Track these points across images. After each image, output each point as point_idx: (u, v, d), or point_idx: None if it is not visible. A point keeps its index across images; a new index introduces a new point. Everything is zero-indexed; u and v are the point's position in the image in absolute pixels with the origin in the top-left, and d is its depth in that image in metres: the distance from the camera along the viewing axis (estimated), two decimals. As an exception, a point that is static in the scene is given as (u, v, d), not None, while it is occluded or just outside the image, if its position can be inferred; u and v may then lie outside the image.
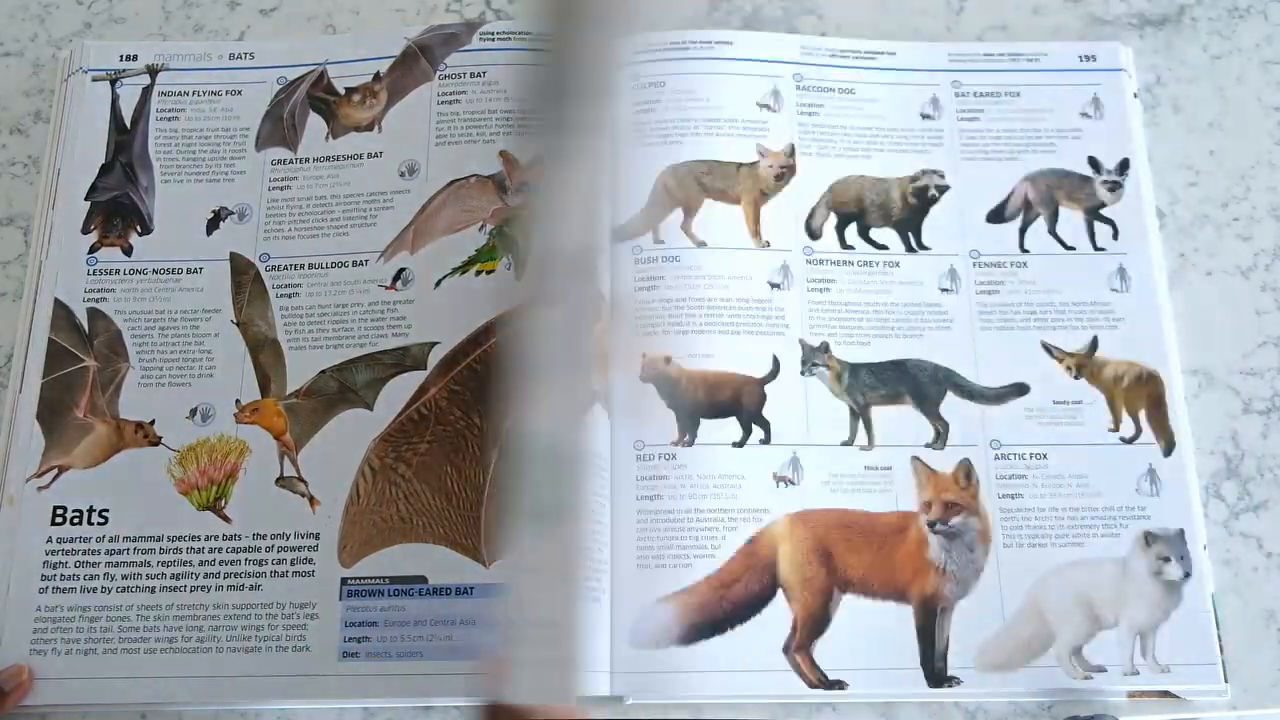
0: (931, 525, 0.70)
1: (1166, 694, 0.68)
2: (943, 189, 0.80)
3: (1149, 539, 0.70)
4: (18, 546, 0.70)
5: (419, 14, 0.87)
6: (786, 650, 0.68)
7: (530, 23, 0.82)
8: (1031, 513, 0.71)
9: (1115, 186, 0.79)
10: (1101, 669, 0.68)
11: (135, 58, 0.83)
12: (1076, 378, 0.75)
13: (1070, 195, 0.80)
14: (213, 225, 0.78)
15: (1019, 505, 0.72)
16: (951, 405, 0.74)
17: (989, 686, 0.68)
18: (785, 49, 0.83)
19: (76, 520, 0.70)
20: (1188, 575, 0.69)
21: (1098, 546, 0.70)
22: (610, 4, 0.52)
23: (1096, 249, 0.78)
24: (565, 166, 0.51)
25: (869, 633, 0.68)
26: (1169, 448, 0.73)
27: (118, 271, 0.77)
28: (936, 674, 0.68)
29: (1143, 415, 0.74)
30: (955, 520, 0.70)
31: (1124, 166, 0.80)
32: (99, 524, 0.70)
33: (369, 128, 0.80)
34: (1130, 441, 0.73)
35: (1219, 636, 0.69)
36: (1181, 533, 0.70)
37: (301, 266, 0.76)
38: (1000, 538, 0.71)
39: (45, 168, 0.81)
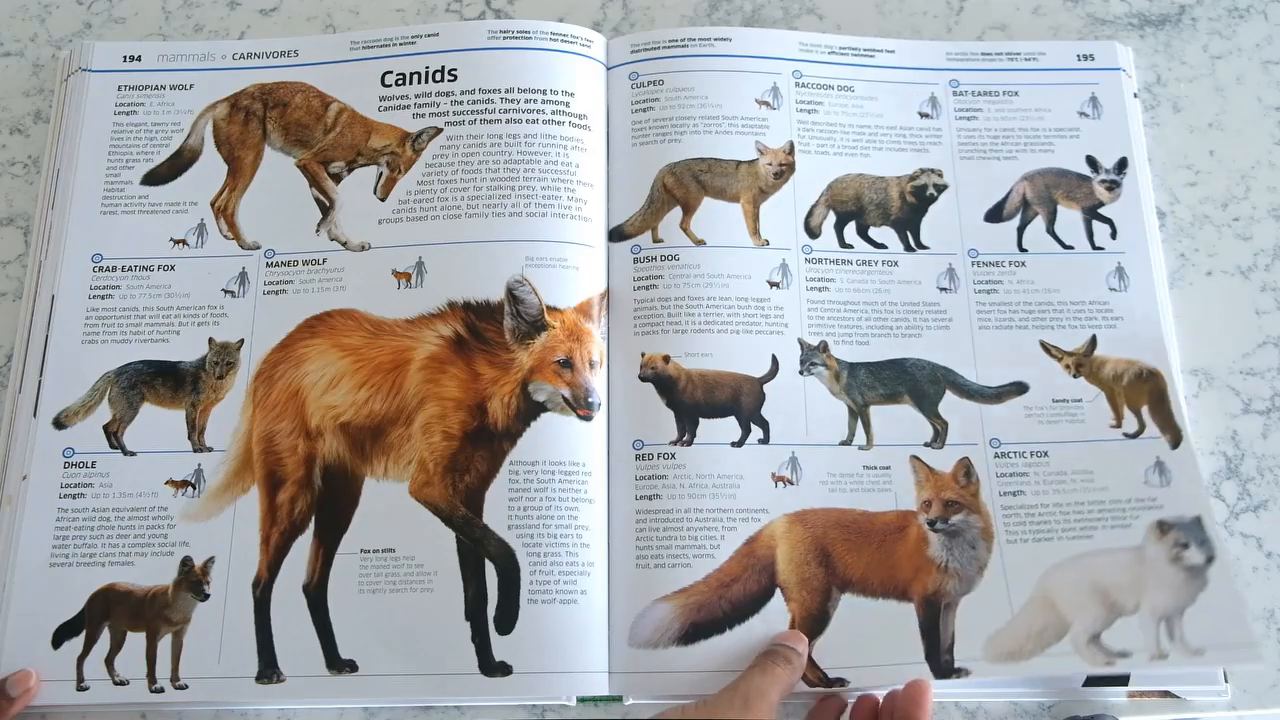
0: (932, 524, 0.70)
1: (1167, 694, 0.68)
2: (941, 188, 0.80)
3: (1163, 527, 0.69)
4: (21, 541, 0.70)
5: (419, 14, 0.87)
6: (785, 649, 0.68)
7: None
8: (1034, 509, 0.71)
9: (1113, 186, 0.79)
10: (1125, 654, 0.66)
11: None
12: (1075, 376, 0.74)
13: (1068, 194, 0.79)
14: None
15: (1020, 502, 0.71)
16: (950, 404, 0.74)
17: (1000, 676, 0.67)
18: (784, 46, 0.83)
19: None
20: (1210, 560, 0.68)
21: (1108, 538, 0.69)
22: None
23: (1095, 248, 0.78)
24: None
25: (871, 630, 0.68)
26: (1176, 440, 0.72)
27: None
28: (943, 667, 0.67)
29: (1145, 411, 0.73)
30: (955, 519, 0.70)
31: (1122, 165, 0.80)
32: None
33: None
34: (1134, 436, 0.73)
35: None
36: (1199, 519, 0.69)
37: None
38: (1003, 534, 0.70)
39: (45, 168, 0.81)
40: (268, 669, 0.68)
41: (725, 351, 0.74)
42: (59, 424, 0.73)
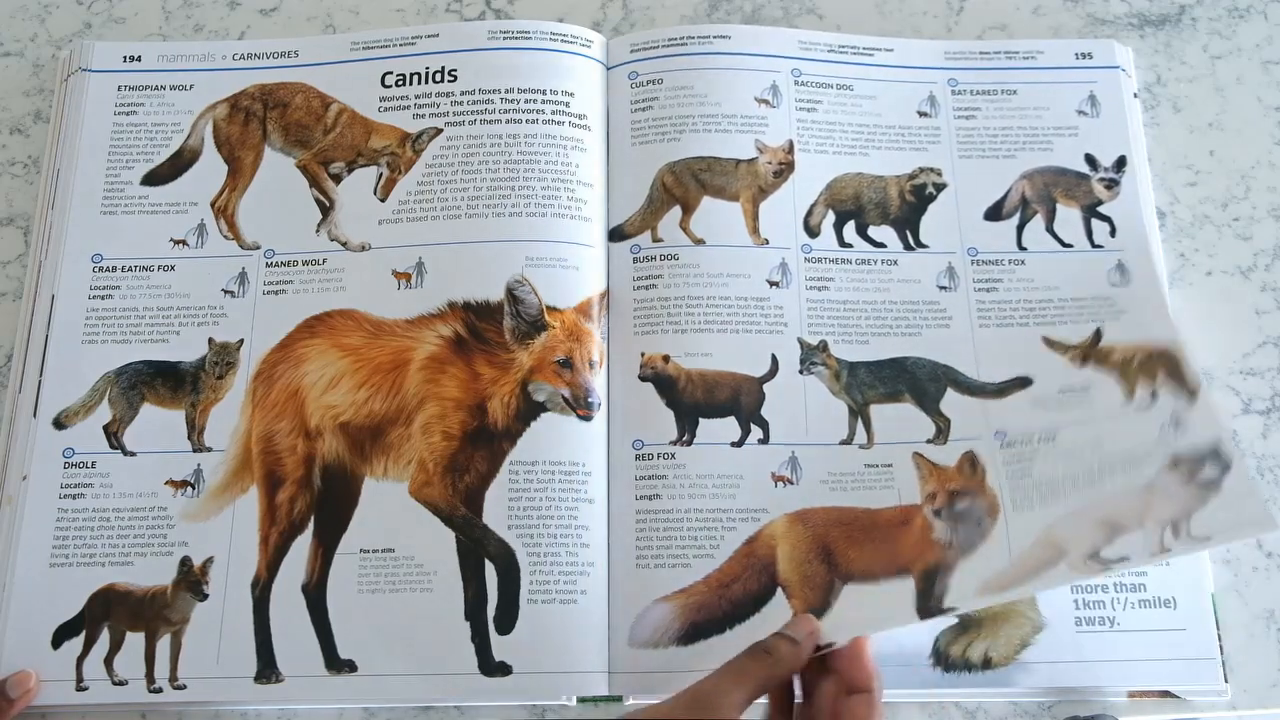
0: (938, 513, 0.69)
1: (1166, 694, 0.68)
2: (940, 187, 0.80)
3: (1175, 461, 0.64)
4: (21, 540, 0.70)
5: (419, 14, 0.87)
6: (785, 649, 0.68)
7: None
8: (1044, 482, 0.70)
9: (1112, 184, 0.79)
10: (1124, 558, 0.62)
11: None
12: (1082, 369, 0.74)
13: (1067, 193, 0.79)
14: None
15: (1029, 480, 0.70)
16: (952, 400, 0.74)
17: (987, 601, 0.65)
18: (784, 44, 0.83)
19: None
20: (1227, 469, 0.62)
21: (1118, 482, 0.65)
22: None
23: (1094, 246, 0.78)
24: None
25: (867, 602, 0.67)
26: (1192, 395, 0.68)
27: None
28: (929, 610, 0.66)
29: (1159, 380, 0.70)
30: (962, 505, 0.69)
31: (1121, 164, 0.80)
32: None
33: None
34: (1148, 406, 0.70)
35: (1219, 636, 0.68)
36: (1214, 442, 0.64)
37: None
38: (1009, 505, 0.69)
39: (45, 168, 0.81)
40: (267, 669, 0.68)
41: (725, 351, 0.74)
42: (59, 424, 0.73)
